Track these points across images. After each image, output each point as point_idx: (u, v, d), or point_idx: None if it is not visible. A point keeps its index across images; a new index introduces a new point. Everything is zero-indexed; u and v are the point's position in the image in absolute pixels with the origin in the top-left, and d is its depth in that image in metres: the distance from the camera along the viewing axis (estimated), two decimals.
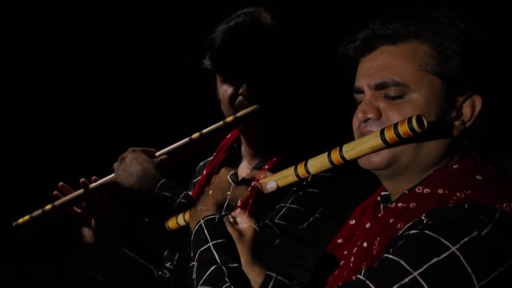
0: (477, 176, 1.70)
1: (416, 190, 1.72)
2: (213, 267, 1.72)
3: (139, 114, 3.94)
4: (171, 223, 2.22)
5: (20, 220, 2.31)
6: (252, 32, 2.27)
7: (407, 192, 1.74)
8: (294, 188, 2.20)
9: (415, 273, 1.57)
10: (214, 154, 2.44)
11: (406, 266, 1.58)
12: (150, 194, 2.14)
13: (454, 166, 1.73)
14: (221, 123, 2.29)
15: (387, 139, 1.69)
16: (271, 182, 1.90)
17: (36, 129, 3.97)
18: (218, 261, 1.73)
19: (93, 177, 2.31)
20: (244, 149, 2.39)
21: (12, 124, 3.96)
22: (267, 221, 2.13)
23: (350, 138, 1.80)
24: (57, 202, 2.30)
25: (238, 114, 2.27)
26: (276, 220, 2.14)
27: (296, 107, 2.35)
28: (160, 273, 2.48)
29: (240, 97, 2.28)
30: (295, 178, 1.84)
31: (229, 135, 2.44)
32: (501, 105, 1.86)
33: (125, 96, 3.95)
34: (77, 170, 2.39)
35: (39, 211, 2.31)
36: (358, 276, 1.61)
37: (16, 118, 3.96)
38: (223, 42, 2.26)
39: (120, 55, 3.94)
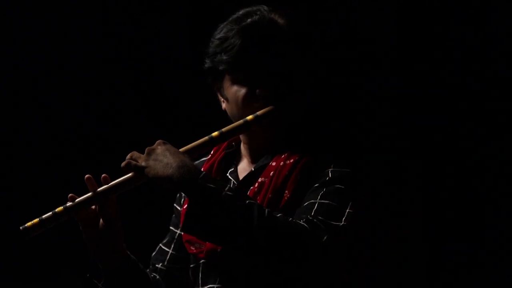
0: None
1: None
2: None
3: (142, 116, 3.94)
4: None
5: (29, 224, 2.20)
6: (268, 31, 2.26)
7: None
8: (317, 185, 2.18)
9: None
10: (212, 152, 2.39)
11: None
12: (193, 185, 2.09)
13: None
14: (241, 121, 2.26)
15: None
16: None
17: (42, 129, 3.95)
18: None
19: (103, 175, 2.24)
20: (244, 147, 2.36)
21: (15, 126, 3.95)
22: (309, 217, 2.10)
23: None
24: (69, 204, 2.22)
25: (258, 113, 2.25)
26: (318, 216, 2.11)
27: (308, 106, 2.33)
28: (152, 274, 2.43)
29: (258, 97, 2.26)
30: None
31: None
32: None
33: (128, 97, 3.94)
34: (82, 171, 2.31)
35: (49, 214, 2.20)
36: None
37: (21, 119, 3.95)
38: (237, 42, 2.25)
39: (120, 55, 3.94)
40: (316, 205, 2.14)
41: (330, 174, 2.19)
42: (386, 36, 3.70)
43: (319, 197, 2.15)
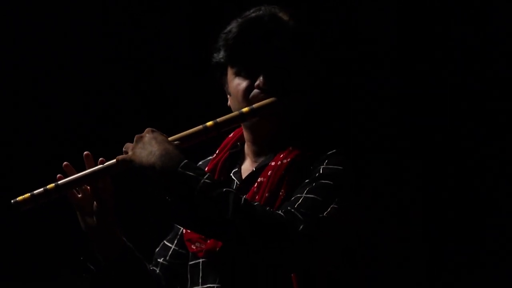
0: None
1: None
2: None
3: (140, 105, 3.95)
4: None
5: (20, 198, 2.21)
6: (270, 24, 2.27)
7: None
8: (307, 181, 2.18)
9: None
10: (217, 152, 2.41)
11: None
12: (173, 173, 2.10)
13: None
14: (236, 113, 2.27)
15: None
16: None
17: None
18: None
19: (100, 159, 2.25)
20: (247, 146, 2.36)
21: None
22: (289, 208, 2.11)
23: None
24: (60, 182, 2.24)
25: (254, 106, 2.25)
26: (298, 208, 2.12)
27: (309, 106, 2.33)
28: (152, 268, 2.44)
29: (255, 90, 2.27)
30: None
31: (232, 134, 2.42)
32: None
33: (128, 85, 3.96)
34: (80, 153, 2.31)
35: (41, 190, 2.22)
36: None
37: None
38: (240, 34, 2.27)
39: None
40: (301, 199, 2.14)
41: (321, 170, 2.19)
42: (387, 36, 3.70)
43: (305, 191, 2.16)
